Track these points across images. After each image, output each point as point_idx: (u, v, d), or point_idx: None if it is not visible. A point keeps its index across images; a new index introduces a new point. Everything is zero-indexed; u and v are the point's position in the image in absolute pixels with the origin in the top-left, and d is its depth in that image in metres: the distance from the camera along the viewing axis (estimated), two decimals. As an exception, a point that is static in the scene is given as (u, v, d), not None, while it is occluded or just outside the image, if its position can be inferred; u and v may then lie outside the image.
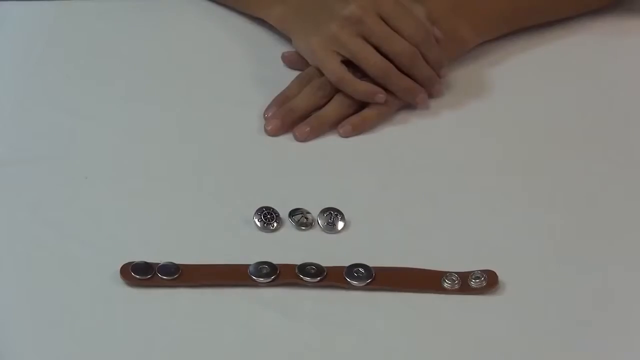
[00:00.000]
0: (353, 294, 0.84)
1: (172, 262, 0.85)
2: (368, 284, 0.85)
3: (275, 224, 0.89)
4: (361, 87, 0.95)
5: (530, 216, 0.91)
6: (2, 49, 1.07)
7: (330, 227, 0.90)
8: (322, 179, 0.94)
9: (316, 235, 0.89)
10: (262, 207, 0.89)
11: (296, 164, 0.92)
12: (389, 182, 0.91)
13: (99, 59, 1.05)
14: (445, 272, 0.85)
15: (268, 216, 0.89)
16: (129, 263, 0.85)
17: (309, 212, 0.90)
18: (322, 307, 0.84)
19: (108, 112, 1.00)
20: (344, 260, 0.86)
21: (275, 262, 0.85)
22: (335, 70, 0.94)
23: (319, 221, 0.90)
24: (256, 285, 0.85)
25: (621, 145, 0.97)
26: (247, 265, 0.85)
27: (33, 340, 0.82)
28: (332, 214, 0.90)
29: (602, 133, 0.98)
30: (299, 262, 0.85)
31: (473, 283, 0.85)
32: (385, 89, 0.95)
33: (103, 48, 1.06)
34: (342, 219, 0.90)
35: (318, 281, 0.85)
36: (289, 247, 0.88)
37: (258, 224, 0.89)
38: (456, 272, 0.85)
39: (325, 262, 0.85)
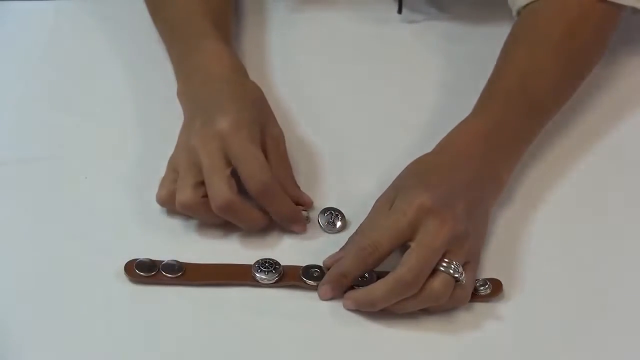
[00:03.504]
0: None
1: (176, 260, 0.86)
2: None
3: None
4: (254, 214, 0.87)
5: (534, 224, 0.91)
6: (2, 49, 1.07)
7: (331, 226, 0.90)
8: (322, 179, 0.94)
9: (316, 235, 0.89)
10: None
11: (296, 164, 0.92)
12: (389, 183, 0.91)
13: (99, 59, 1.05)
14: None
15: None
16: (134, 260, 0.85)
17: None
18: (325, 310, 0.84)
19: (108, 112, 1.00)
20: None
21: (277, 260, 0.86)
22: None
23: (320, 221, 0.90)
24: (259, 285, 0.85)
25: (622, 149, 0.98)
26: (250, 265, 0.86)
27: (35, 340, 0.82)
28: (332, 214, 0.90)
29: (604, 137, 0.98)
30: (302, 263, 0.86)
31: (478, 291, 0.85)
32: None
33: (103, 48, 1.06)
34: (342, 218, 0.90)
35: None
36: (291, 246, 0.88)
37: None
38: (461, 280, 0.86)
39: (326, 262, 0.86)
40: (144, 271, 0.85)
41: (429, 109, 1.00)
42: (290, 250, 0.88)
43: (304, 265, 0.86)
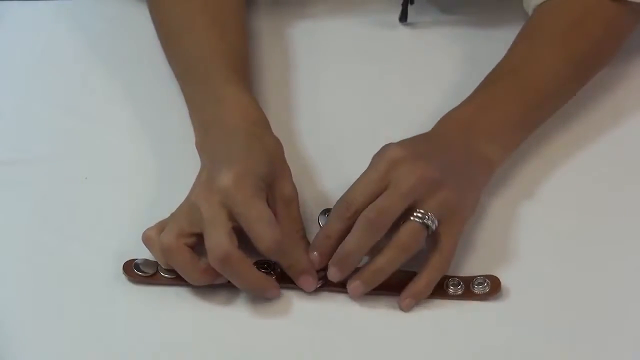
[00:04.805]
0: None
1: None
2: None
3: None
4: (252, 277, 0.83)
5: (533, 221, 0.91)
6: (2, 49, 1.07)
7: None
8: (323, 179, 0.94)
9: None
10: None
11: (297, 164, 0.92)
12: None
13: (99, 59, 1.04)
14: (448, 277, 0.85)
15: None
16: (132, 260, 0.85)
17: None
18: (323, 310, 0.84)
19: (108, 112, 1.00)
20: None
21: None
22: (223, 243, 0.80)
23: (320, 221, 0.90)
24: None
25: (623, 148, 0.97)
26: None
27: (34, 340, 0.82)
28: (333, 215, 0.90)
29: (604, 135, 0.98)
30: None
31: (476, 289, 0.85)
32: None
33: (103, 48, 1.06)
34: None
35: (320, 286, 0.85)
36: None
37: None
38: (459, 277, 0.85)
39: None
40: (143, 271, 0.85)
41: (431, 110, 0.99)
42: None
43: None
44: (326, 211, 0.90)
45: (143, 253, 0.86)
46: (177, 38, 0.98)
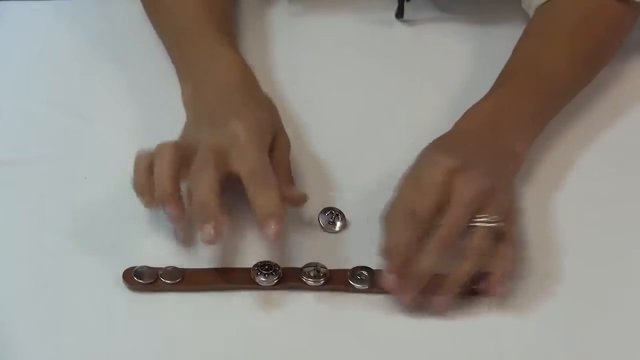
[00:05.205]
0: (356, 296, 0.85)
1: (174, 267, 0.85)
2: (371, 287, 0.85)
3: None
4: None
5: (538, 219, 0.91)
6: (2, 49, 1.07)
7: (331, 226, 0.90)
8: (323, 178, 0.94)
9: (316, 235, 0.89)
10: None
11: (294, 162, 0.92)
12: (390, 182, 0.91)
13: (99, 59, 1.04)
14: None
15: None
16: (132, 268, 0.85)
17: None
18: (325, 310, 0.84)
19: (107, 111, 1.00)
20: (346, 261, 0.86)
21: (277, 262, 0.85)
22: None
23: (320, 221, 0.90)
24: (259, 288, 0.85)
25: (624, 146, 0.98)
26: (250, 269, 0.85)
27: (34, 340, 0.82)
28: (332, 214, 0.90)
29: (602, 133, 0.99)
30: (301, 263, 0.86)
31: (475, 286, 0.84)
32: None
33: (103, 48, 1.06)
34: (342, 219, 0.90)
35: (322, 284, 0.85)
36: (290, 247, 0.88)
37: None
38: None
39: (326, 262, 0.86)
40: (143, 279, 0.85)
41: (430, 108, 1.00)
42: (289, 251, 0.88)
43: (302, 265, 0.86)
44: (326, 210, 0.90)
45: (142, 252, 0.86)
46: (163, 7, 1.01)
